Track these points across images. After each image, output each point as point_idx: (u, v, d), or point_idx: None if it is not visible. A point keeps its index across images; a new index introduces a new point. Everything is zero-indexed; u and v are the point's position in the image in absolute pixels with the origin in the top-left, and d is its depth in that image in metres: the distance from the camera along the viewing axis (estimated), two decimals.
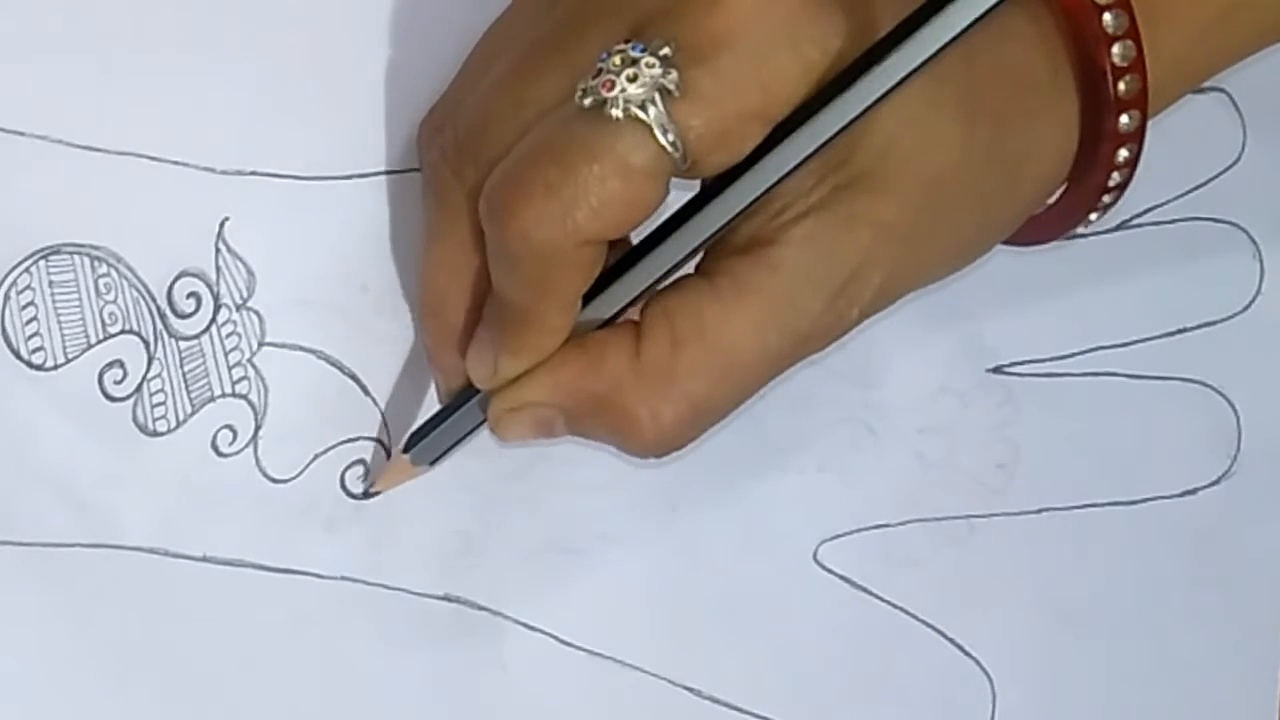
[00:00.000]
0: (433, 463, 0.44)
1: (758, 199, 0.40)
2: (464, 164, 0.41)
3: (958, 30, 0.39)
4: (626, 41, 0.38)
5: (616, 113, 0.38)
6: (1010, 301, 0.52)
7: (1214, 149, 0.54)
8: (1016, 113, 0.42)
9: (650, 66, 0.38)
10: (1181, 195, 0.54)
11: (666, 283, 0.41)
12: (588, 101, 0.38)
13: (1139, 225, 0.54)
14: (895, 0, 0.39)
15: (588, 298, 0.41)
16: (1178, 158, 0.53)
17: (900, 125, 0.40)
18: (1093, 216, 0.45)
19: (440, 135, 0.42)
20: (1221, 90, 0.54)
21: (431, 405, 0.45)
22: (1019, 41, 0.42)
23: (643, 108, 0.38)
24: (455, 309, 0.43)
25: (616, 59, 0.38)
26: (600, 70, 0.38)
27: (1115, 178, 0.43)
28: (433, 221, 0.43)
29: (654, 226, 0.41)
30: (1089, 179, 0.43)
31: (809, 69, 0.39)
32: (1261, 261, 0.55)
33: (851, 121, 0.39)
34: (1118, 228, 0.53)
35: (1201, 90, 0.53)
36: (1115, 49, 0.41)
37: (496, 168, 0.39)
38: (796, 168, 0.39)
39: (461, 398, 0.43)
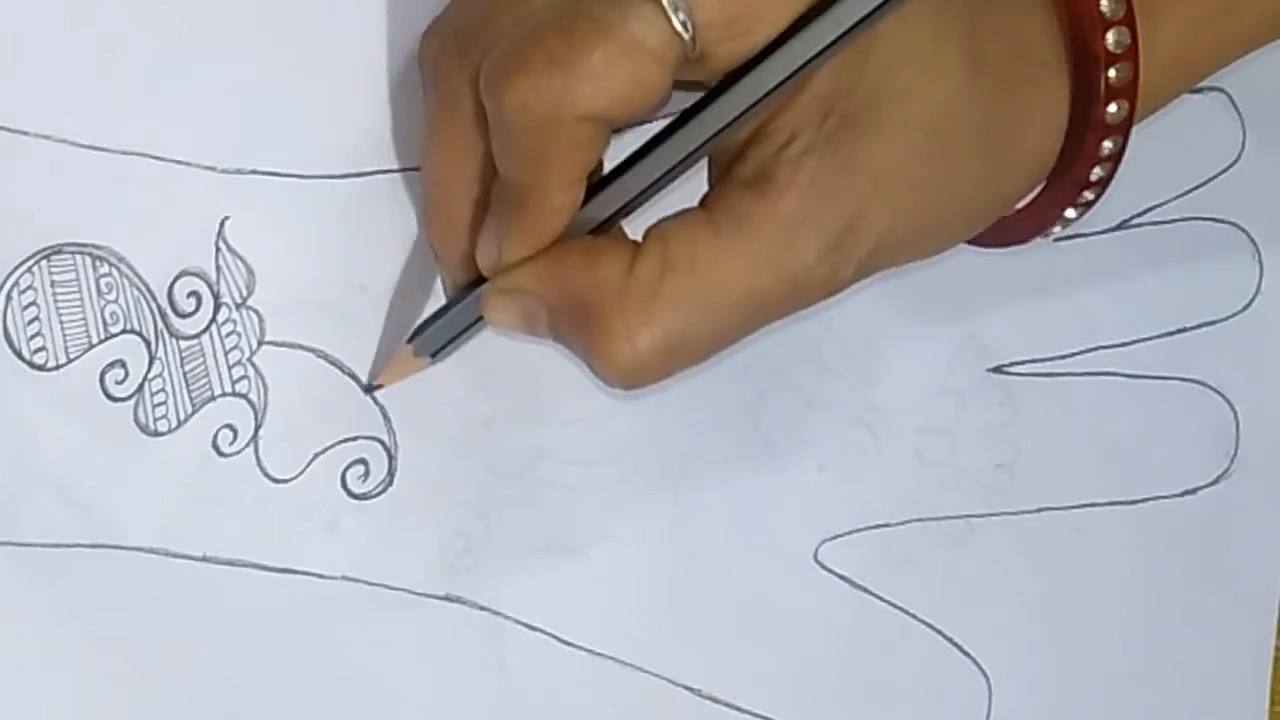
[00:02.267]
0: (435, 356, 0.44)
1: (767, 96, 0.39)
2: (466, 50, 0.41)
3: None
4: None
5: None
6: (1010, 301, 0.52)
7: (1214, 149, 0.54)
8: (1018, 73, 0.42)
9: None
10: (1181, 195, 0.54)
11: (670, 192, 0.41)
12: None
13: (1139, 225, 0.54)
14: None
15: (593, 193, 0.41)
16: (1178, 158, 0.53)
17: (904, 53, 0.40)
18: (1072, 214, 0.45)
19: (441, 31, 0.42)
20: (1221, 90, 0.54)
21: (433, 401, 0.45)
22: (1022, 11, 0.42)
23: None
24: (460, 201, 0.42)
25: None
26: None
27: (1098, 171, 0.43)
28: (434, 113, 0.42)
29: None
30: (1072, 170, 0.43)
31: None
32: (1261, 261, 0.55)
33: (866, 17, 0.39)
34: (1118, 228, 0.53)
35: (1201, 90, 0.53)
36: (1110, 35, 0.41)
37: (499, 44, 0.39)
38: (808, 64, 0.39)
39: (466, 291, 0.43)
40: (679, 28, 0.38)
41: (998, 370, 0.53)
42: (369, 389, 0.46)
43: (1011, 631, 0.53)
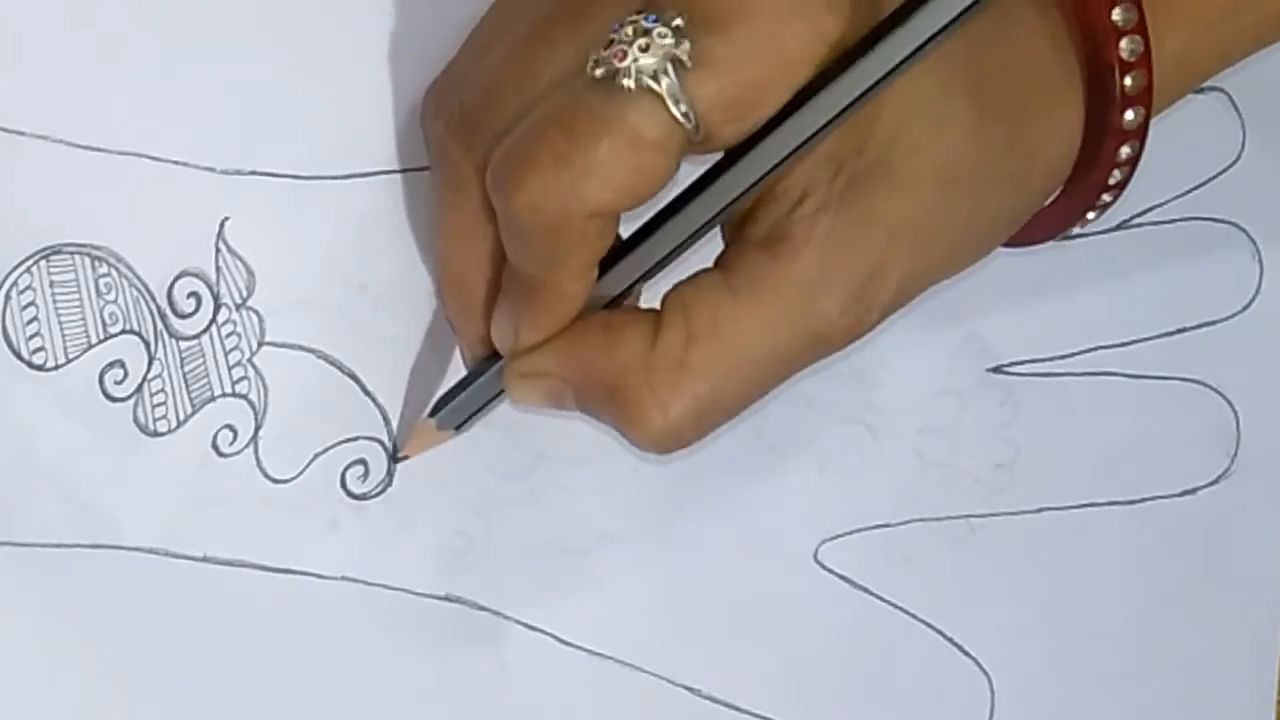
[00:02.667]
0: (458, 428, 0.44)
1: (774, 169, 0.39)
2: (472, 136, 0.41)
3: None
4: (639, 12, 0.38)
5: (629, 83, 0.37)
6: (1010, 301, 0.52)
7: (1214, 149, 0.54)
8: (1027, 104, 0.42)
9: (663, 37, 0.37)
10: (1181, 195, 0.54)
11: (685, 262, 0.41)
12: (599, 72, 0.38)
13: (1139, 225, 0.54)
14: None
15: (605, 267, 0.41)
16: (1178, 158, 0.53)
17: (911, 109, 0.40)
18: (1090, 216, 0.45)
19: (446, 107, 0.42)
20: (1221, 90, 0.54)
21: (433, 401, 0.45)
22: (1027, 32, 0.42)
23: (655, 78, 0.37)
24: (474, 281, 0.42)
25: (629, 29, 0.38)
26: (612, 41, 0.38)
27: (1116, 175, 0.43)
28: (442, 196, 0.42)
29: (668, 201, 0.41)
30: (1090, 176, 0.43)
31: (824, 38, 0.38)
32: (1261, 261, 0.55)
33: (871, 89, 0.39)
34: (1118, 228, 0.53)
35: (1201, 90, 0.53)
36: (1123, 43, 0.41)
37: (504, 139, 0.39)
38: (814, 136, 0.39)
39: (487, 363, 0.43)
40: (680, 117, 0.37)
41: (998, 370, 0.53)
42: (394, 459, 0.46)
43: (1012, 631, 0.53)
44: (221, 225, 0.44)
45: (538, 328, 0.41)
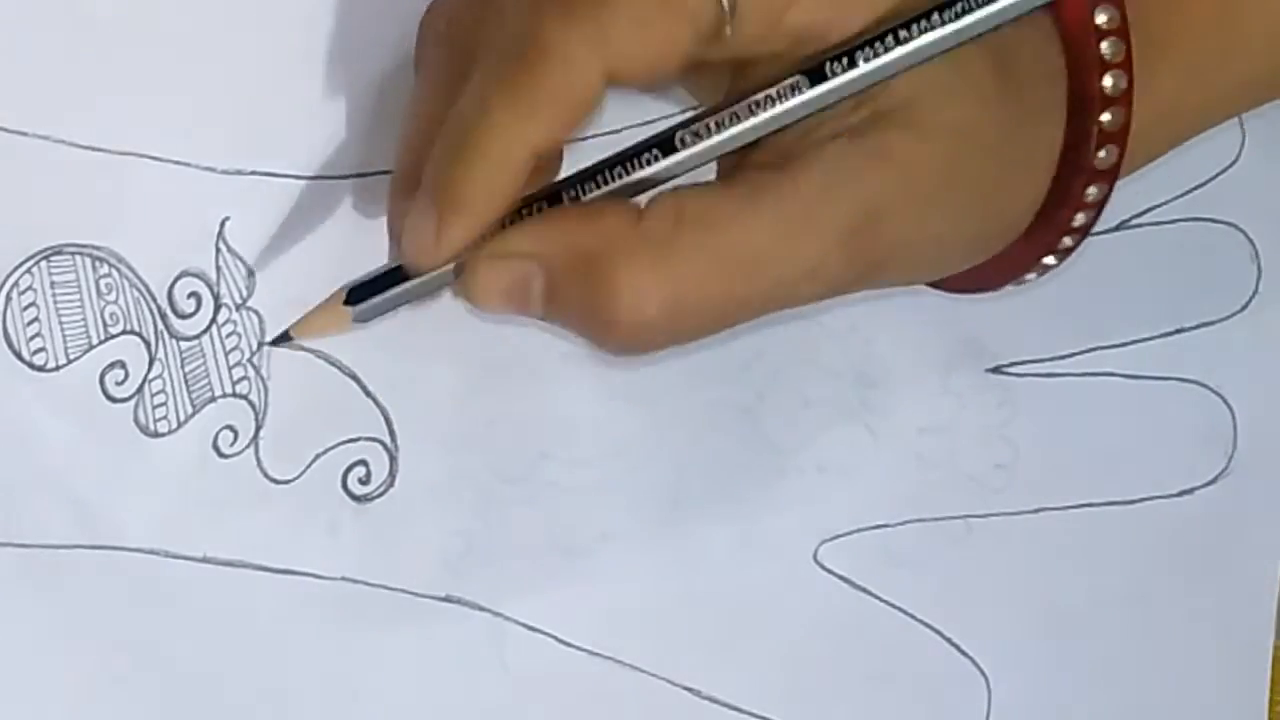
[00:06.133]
0: (360, 316, 0.41)
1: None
2: (486, 7, 0.39)
3: None
4: None
5: None
6: (1010, 302, 0.52)
7: (1213, 149, 0.54)
8: (1043, 92, 0.41)
9: None
10: (1180, 195, 0.54)
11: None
12: None
13: (1138, 225, 0.54)
14: None
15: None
16: (1178, 158, 0.53)
17: (938, 67, 0.39)
18: (1049, 260, 0.43)
19: None
20: None
21: (433, 402, 0.45)
22: (1045, 39, 0.41)
23: None
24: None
25: None
26: None
27: (1080, 218, 0.42)
28: (429, 71, 0.41)
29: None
30: (1055, 214, 0.42)
31: None
32: (1259, 262, 0.55)
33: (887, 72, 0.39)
34: (1117, 228, 0.54)
35: None
36: (1107, 78, 0.41)
37: None
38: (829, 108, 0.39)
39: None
40: None
41: (997, 370, 0.53)
42: (275, 342, 0.44)
43: (1010, 631, 0.53)
44: (222, 225, 0.44)
45: (470, 205, 0.38)
